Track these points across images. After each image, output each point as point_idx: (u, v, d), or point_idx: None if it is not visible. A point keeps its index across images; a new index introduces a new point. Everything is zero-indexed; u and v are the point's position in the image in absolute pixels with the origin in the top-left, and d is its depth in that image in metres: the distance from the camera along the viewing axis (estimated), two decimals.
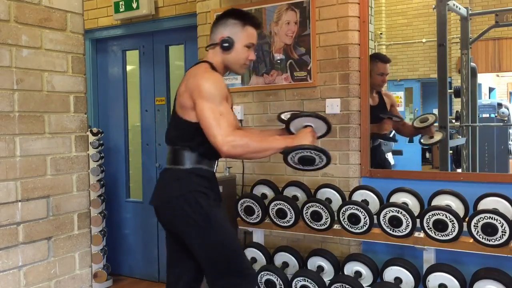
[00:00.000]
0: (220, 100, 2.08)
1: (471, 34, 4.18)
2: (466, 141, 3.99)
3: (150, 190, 4.22)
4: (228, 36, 2.20)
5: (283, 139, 2.14)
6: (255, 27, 2.26)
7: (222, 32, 2.22)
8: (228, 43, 2.20)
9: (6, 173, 1.77)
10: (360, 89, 3.06)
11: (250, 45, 2.24)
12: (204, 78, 2.12)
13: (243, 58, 2.25)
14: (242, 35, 2.22)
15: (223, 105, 2.08)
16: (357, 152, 3.07)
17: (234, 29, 2.21)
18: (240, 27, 2.21)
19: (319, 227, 2.85)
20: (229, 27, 2.22)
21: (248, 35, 2.23)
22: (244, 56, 2.25)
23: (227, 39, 2.20)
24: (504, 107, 6.69)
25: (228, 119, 2.06)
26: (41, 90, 1.89)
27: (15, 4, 1.80)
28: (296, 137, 2.15)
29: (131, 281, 4.36)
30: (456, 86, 4.56)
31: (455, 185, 2.76)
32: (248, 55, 2.25)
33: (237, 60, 2.25)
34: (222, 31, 2.23)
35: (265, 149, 2.11)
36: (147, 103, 4.28)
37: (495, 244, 2.41)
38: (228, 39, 2.20)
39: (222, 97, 2.10)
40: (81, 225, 2.04)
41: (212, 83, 2.09)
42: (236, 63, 2.26)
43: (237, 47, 2.22)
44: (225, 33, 2.21)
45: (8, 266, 1.78)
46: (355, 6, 3.03)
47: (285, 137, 2.20)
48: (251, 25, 2.24)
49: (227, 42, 2.20)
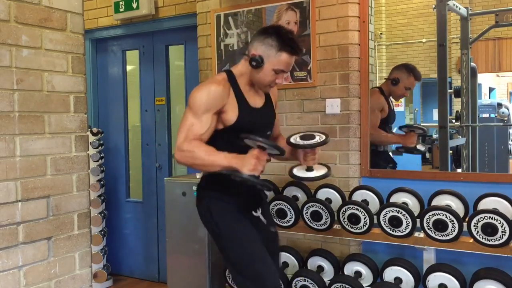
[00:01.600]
0: (202, 111, 2.07)
1: (471, 34, 4.18)
2: (466, 141, 3.99)
3: (150, 190, 4.28)
4: (259, 55, 2.12)
5: (230, 158, 2.02)
6: (291, 54, 2.13)
7: (256, 49, 2.14)
8: (256, 62, 2.12)
9: (6, 173, 1.77)
10: (360, 89, 3.06)
11: (279, 71, 2.15)
12: (198, 87, 2.17)
13: (268, 80, 2.17)
14: (274, 60, 2.12)
15: (202, 117, 2.07)
16: (357, 152, 3.07)
17: (268, 51, 2.11)
18: (275, 51, 2.11)
19: (319, 227, 2.85)
20: (264, 46, 2.12)
21: (280, 61, 2.12)
22: (270, 79, 2.16)
23: (257, 58, 2.11)
24: (504, 107, 6.68)
25: (194, 131, 2.06)
26: (41, 90, 1.89)
27: (15, 4, 1.80)
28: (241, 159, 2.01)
29: (131, 281, 4.36)
30: (456, 86, 4.56)
31: (455, 185, 2.76)
32: (275, 78, 2.17)
33: (262, 80, 2.17)
34: (256, 47, 2.14)
35: (209, 163, 2.04)
36: (147, 103, 4.29)
37: (495, 244, 2.41)
38: (258, 58, 2.11)
39: (207, 109, 2.08)
40: (81, 225, 2.04)
41: (201, 93, 2.10)
42: (260, 83, 2.19)
43: (266, 68, 2.13)
44: (258, 51, 2.12)
45: (8, 266, 1.78)
46: (355, 6, 3.03)
47: (234, 156, 2.04)
48: (288, 52, 2.11)
49: (256, 61, 2.12)
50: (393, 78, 3.43)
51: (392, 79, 3.43)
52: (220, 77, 2.22)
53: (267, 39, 2.12)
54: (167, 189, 3.53)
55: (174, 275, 3.54)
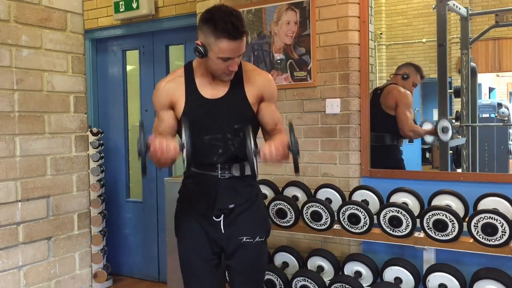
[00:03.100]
0: (158, 109, 2.05)
1: (471, 34, 4.18)
2: (466, 141, 3.99)
3: (150, 190, 4.28)
4: (202, 44, 1.90)
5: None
6: (230, 40, 1.85)
7: (199, 37, 1.93)
8: (199, 52, 1.91)
9: (6, 173, 1.77)
10: (360, 89, 3.06)
11: (226, 59, 1.90)
12: None
13: (220, 69, 1.94)
14: (215, 48, 1.88)
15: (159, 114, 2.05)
16: (357, 152, 3.07)
17: (208, 39, 1.88)
18: (213, 38, 1.86)
19: (319, 227, 2.85)
20: (203, 34, 1.90)
21: (221, 49, 1.86)
22: (220, 67, 1.93)
23: (199, 48, 1.90)
24: (504, 107, 6.68)
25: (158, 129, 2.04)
26: (41, 90, 1.89)
27: (15, 4, 1.80)
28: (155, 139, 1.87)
29: (131, 281, 4.36)
30: (456, 86, 4.56)
31: (455, 185, 2.76)
32: (227, 66, 1.92)
33: (214, 69, 1.96)
34: (199, 35, 1.93)
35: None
36: (147, 103, 4.28)
37: (495, 244, 2.41)
38: (200, 48, 1.90)
39: (159, 106, 2.05)
40: (81, 225, 2.04)
41: (154, 92, 2.07)
42: (214, 72, 1.98)
43: (211, 58, 1.91)
44: (200, 39, 1.91)
45: (8, 266, 1.78)
46: (355, 6, 3.03)
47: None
48: (226, 38, 1.84)
49: (198, 52, 1.91)
50: (403, 73, 3.50)
51: (403, 74, 3.50)
52: (177, 71, 2.11)
53: (204, 26, 1.89)
54: (167, 189, 3.53)
55: (174, 275, 3.54)
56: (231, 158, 2.03)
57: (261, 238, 2.11)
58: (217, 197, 2.03)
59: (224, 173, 2.03)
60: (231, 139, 2.02)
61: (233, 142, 2.02)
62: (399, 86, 3.48)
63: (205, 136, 2.00)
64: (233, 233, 2.05)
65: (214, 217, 2.05)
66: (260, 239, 2.11)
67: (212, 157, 2.02)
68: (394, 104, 3.42)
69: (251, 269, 2.12)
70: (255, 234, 2.09)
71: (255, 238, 2.09)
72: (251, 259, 2.10)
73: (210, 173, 2.04)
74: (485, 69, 8.19)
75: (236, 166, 2.04)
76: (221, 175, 2.03)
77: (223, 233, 2.05)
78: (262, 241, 2.12)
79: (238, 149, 2.01)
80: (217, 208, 2.03)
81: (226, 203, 2.03)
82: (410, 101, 3.45)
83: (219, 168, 2.03)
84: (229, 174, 2.03)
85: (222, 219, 2.05)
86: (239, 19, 1.88)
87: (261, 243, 2.12)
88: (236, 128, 2.02)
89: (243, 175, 2.05)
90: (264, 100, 2.10)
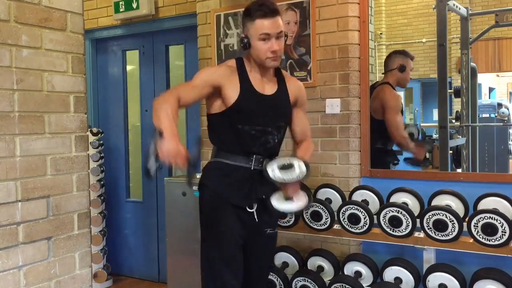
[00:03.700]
0: (197, 80, 2.13)
1: (471, 34, 4.19)
2: (466, 141, 3.99)
3: (150, 190, 4.28)
4: (244, 35, 2.14)
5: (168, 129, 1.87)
6: (263, 16, 2.07)
7: (242, 31, 2.18)
8: (243, 43, 2.14)
9: (6, 173, 1.77)
10: (360, 89, 3.06)
11: (264, 37, 2.08)
12: None
13: (263, 52, 2.10)
14: (253, 31, 2.10)
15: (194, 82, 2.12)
16: (357, 152, 3.07)
17: (248, 27, 2.12)
18: (250, 23, 2.11)
19: (319, 227, 2.85)
20: (244, 26, 2.15)
21: (257, 28, 2.08)
22: (263, 49, 2.10)
23: (242, 39, 2.14)
24: (504, 107, 6.69)
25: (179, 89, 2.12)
26: (41, 90, 1.89)
27: (15, 4, 1.80)
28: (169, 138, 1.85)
29: (131, 281, 4.36)
30: (456, 86, 4.57)
31: (455, 185, 2.76)
32: (268, 47, 2.09)
33: (259, 56, 2.12)
34: (242, 31, 2.18)
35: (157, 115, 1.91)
36: (147, 103, 4.28)
37: (495, 244, 2.41)
38: (243, 39, 2.14)
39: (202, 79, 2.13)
40: (81, 225, 2.04)
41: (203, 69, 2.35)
42: (260, 59, 2.14)
43: (254, 44, 2.11)
44: (244, 32, 2.15)
45: (8, 266, 1.78)
46: (355, 6, 3.03)
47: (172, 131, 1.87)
48: (259, 16, 2.07)
49: (243, 42, 2.14)
50: (399, 66, 3.36)
51: (399, 67, 3.36)
52: (228, 62, 2.25)
53: (244, 19, 2.15)
54: (167, 189, 3.53)
55: (174, 275, 3.54)
56: (266, 152, 2.18)
57: (277, 229, 2.37)
58: (252, 188, 2.16)
59: (257, 166, 2.16)
60: (273, 134, 2.19)
61: (274, 137, 2.20)
62: (386, 88, 3.32)
63: (249, 126, 2.14)
64: (262, 223, 2.22)
65: (247, 208, 2.17)
66: (276, 230, 2.36)
67: (251, 147, 2.15)
68: (380, 107, 3.28)
69: (268, 256, 2.41)
70: (275, 226, 2.34)
71: (275, 229, 2.34)
72: (271, 247, 2.39)
73: (243, 165, 2.16)
74: (485, 69, 8.19)
75: (268, 160, 2.16)
76: (254, 167, 2.16)
77: (257, 221, 2.19)
78: (277, 232, 2.37)
79: (277, 144, 2.23)
80: (252, 198, 2.17)
81: (260, 194, 2.17)
82: (398, 104, 3.31)
83: (254, 159, 2.16)
84: (261, 166, 2.15)
85: (255, 209, 2.18)
86: (270, 2, 2.12)
87: (276, 234, 2.38)
88: (279, 125, 2.23)
89: None
90: (297, 105, 2.33)
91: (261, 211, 2.19)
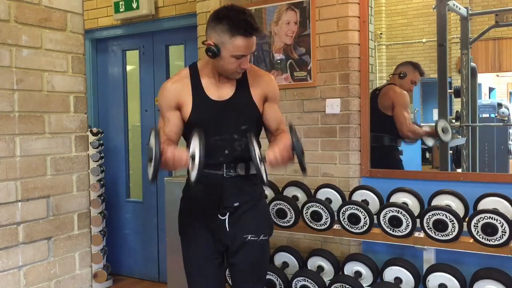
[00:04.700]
0: (164, 110, 2.04)
1: (471, 34, 4.18)
2: (466, 141, 3.99)
3: (150, 190, 4.28)
4: (214, 44, 1.92)
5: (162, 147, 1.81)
6: (245, 36, 1.89)
7: (210, 36, 1.94)
8: (212, 52, 1.92)
9: (6, 173, 1.77)
10: (360, 89, 3.06)
11: (239, 56, 1.93)
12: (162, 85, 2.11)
13: (231, 68, 1.97)
14: (229, 46, 1.90)
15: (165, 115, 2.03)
16: (357, 152, 3.07)
17: (222, 38, 1.90)
18: (228, 37, 1.89)
19: (319, 227, 2.85)
20: (216, 34, 1.91)
21: (236, 47, 1.90)
22: (232, 66, 1.96)
23: (212, 48, 1.92)
24: (504, 107, 6.68)
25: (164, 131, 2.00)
26: (41, 90, 1.89)
27: (15, 4, 1.80)
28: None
29: (131, 281, 4.36)
30: (456, 86, 4.56)
31: (455, 185, 2.76)
32: (239, 64, 1.96)
33: (225, 69, 1.98)
34: (210, 36, 1.94)
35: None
36: (147, 103, 4.29)
37: (495, 244, 2.41)
38: (213, 48, 1.92)
39: (166, 107, 2.03)
40: (81, 225, 2.04)
41: (160, 93, 2.07)
42: (225, 71, 2.00)
43: (224, 56, 1.93)
44: (213, 39, 1.92)
45: (8, 266, 1.78)
46: (355, 6, 3.03)
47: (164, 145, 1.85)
48: (242, 35, 1.88)
49: (211, 52, 1.92)
50: (400, 72, 3.52)
51: (399, 73, 3.52)
52: (182, 71, 2.11)
53: (218, 25, 1.91)
54: (167, 189, 3.53)
55: (174, 275, 3.54)
56: (237, 158, 2.04)
57: (265, 236, 2.13)
58: (223, 195, 2.04)
59: (229, 172, 2.04)
60: (238, 140, 2.04)
61: (240, 143, 2.04)
62: (395, 86, 3.48)
63: (212, 137, 1.99)
64: (238, 231, 2.07)
65: (219, 215, 2.05)
66: (264, 237, 2.13)
67: (218, 158, 2.02)
68: (390, 104, 3.43)
69: (254, 267, 2.14)
70: (259, 233, 2.10)
71: (259, 236, 2.10)
72: (255, 257, 2.12)
73: (215, 172, 2.04)
74: (485, 69, 8.19)
75: (241, 165, 2.05)
76: (226, 174, 2.04)
77: (228, 231, 2.06)
78: (266, 239, 2.14)
79: (244, 150, 2.00)
80: (223, 206, 2.04)
81: (232, 201, 2.04)
82: (406, 101, 3.46)
83: (225, 167, 2.04)
84: (234, 173, 2.05)
85: (227, 217, 2.06)
86: (252, 16, 1.93)
87: (265, 242, 2.14)
88: (243, 129, 2.03)
89: (248, 174, 2.06)
90: (268, 100, 2.13)
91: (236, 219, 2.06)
